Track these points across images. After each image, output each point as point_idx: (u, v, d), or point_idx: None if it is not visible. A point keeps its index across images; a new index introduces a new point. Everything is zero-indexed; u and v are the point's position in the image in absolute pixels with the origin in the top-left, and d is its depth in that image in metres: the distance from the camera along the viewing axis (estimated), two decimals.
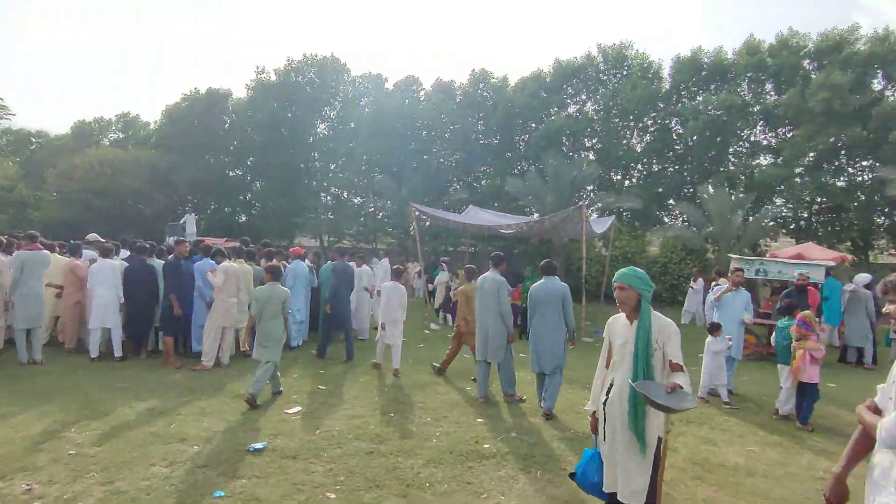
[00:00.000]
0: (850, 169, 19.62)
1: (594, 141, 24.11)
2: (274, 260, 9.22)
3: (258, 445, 4.65)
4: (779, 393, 6.46)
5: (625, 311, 3.09)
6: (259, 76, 27.53)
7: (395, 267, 8.77)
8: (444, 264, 14.40)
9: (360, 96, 27.53)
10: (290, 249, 11.06)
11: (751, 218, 18.23)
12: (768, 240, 20.16)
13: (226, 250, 8.37)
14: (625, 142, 23.35)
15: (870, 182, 18.46)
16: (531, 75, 24.59)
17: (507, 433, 5.29)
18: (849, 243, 19.61)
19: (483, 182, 25.54)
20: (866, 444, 2.10)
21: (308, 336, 9.78)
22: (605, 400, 3.07)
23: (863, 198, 18.89)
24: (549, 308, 6.08)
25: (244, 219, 29.65)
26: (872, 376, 8.70)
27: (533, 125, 24.39)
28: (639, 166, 23.58)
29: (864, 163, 19.03)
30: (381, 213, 26.84)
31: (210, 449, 4.61)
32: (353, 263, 10.71)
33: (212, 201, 29.48)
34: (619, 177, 23.81)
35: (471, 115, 25.12)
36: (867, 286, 10.27)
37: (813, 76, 18.81)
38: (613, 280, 3.13)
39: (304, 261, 9.88)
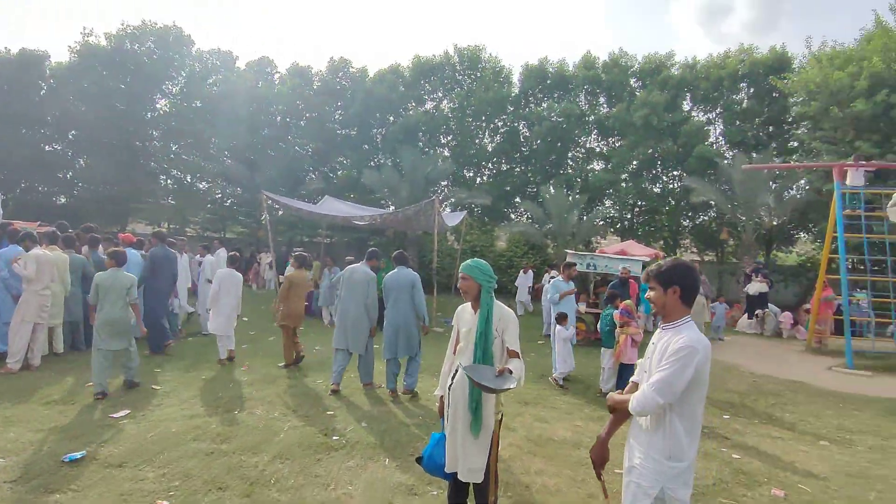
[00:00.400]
0: (663, 177, 22.57)
1: (449, 138, 24.96)
2: (100, 247, 8.31)
3: (76, 455, 4.19)
4: (602, 373, 7.27)
5: (468, 299, 3.31)
6: (86, 39, 24.24)
7: (232, 254, 8.37)
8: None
9: (208, 73, 25.55)
10: (120, 236, 9.97)
11: (585, 217, 20.18)
12: (599, 237, 22.44)
13: (38, 235, 7.31)
14: (477, 141, 24.46)
15: (678, 189, 21.38)
16: (389, 68, 24.73)
17: (358, 423, 5.34)
18: (661, 242, 22.55)
19: (340, 173, 25.24)
20: (624, 415, 2.49)
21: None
22: (451, 385, 3.24)
23: (673, 203, 21.84)
24: (401, 296, 6.41)
25: (63, 200, 25.97)
26: None
27: (391, 118, 24.59)
28: (489, 165, 24.86)
29: (675, 172, 21.99)
30: (230, 201, 25.22)
31: (18, 462, 4.06)
32: (185, 254, 10.06)
33: (22, 179, 25.36)
34: (471, 174, 24.88)
35: (328, 104, 24.62)
36: None
37: (637, 93, 21.28)
38: (459, 271, 3.34)
39: (138, 249, 8.97)
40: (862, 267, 12.08)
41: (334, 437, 4.89)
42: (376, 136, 25.22)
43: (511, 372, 2.94)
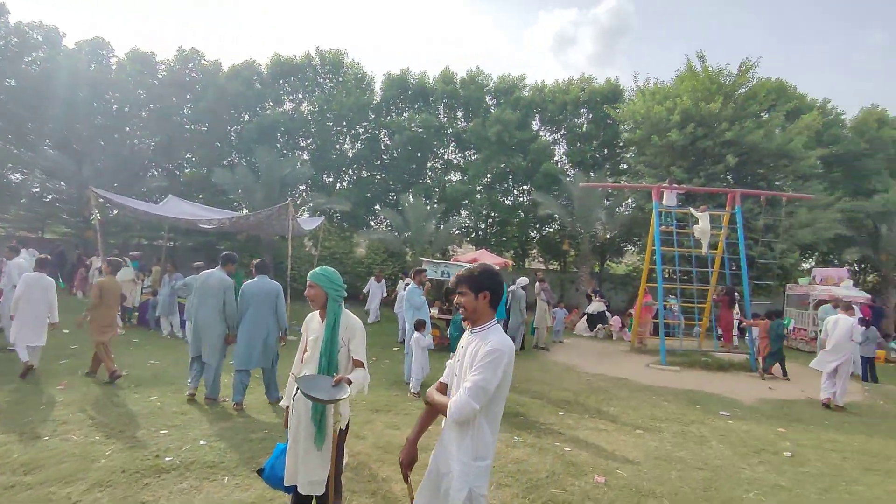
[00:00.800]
0: (514, 191, 24.06)
1: (308, 141, 24.34)
2: None
3: None
4: None
5: (315, 307, 3.28)
6: None
7: (41, 257, 7.45)
8: (126, 259, 12.62)
9: (26, 49, 22.14)
10: None
11: (442, 226, 20.83)
12: (455, 246, 23.26)
13: None
14: (338, 146, 24.13)
15: (527, 203, 22.91)
16: (244, 64, 23.51)
17: (195, 441, 4.98)
18: (512, 252, 23.99)
19: (187, 170, 23.46)
20: (433, 415, 2.55)
21: None
22: (295, 394, 3.17)
23: (523, 215, 23.33)
24: (262, 306, 6.24)
25: None
26: (520, 359, 10.86)
27: (246, 116, 23.40)
28: (350, 171, 24.63)
29: (524, 187, 23.54)
30: (51, 196, 22.08)
31: None
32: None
33: None
34: (331, 179, 24.48)
35: (175, 96, 22.66)
36: (523, 287, 12.69)
37: (492, 111, 22.50)
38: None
39: None
40: (674, 276, 13.91)
41: (166, 459, 4.51)
42: (230, 134, 23.78)
43: (350, 382, 2.94)
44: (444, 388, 2.56)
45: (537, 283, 12.95)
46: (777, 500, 4.60)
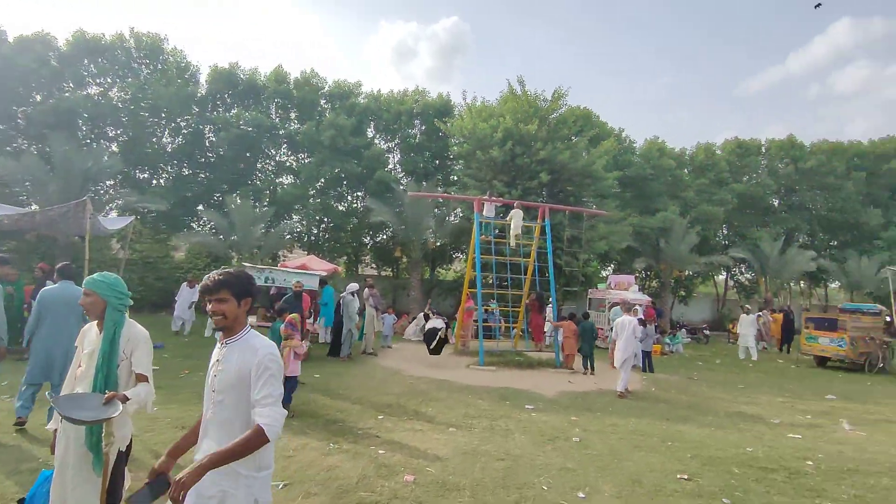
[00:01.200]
0: (348, 196, 24.02)
1: (119, 132, 21.81)
2: None
3: None
4: None
5: (92, 318, 3.00)
6: None
7: None
8: None
9: None
10: None
11: (272, 230, 20.03)
12: (285, 251, 22.49)
13: None
14: (154, 139, 21.98)
15: (361, 209, 23.00)
16: (36, 36, 20.29)
17: None
18: (345, 257, 23.88)
19: None
20: (194, 438, 2.39)
21: None
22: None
23: (356, 221, 23.36)
24: (65, 314, 5.53)
25: None
26: (347, 365, 10.89)
27: (38, 97, 20.24)
28: (168, 167, 22.61)
29: (358, 193, 23.63)
30: None
31: None
32: None
33: None
34: (145, 175, 22.22)
35: None
36: (353, 293, 12.69)
37: (327, 114, 22.24)
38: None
39: None
40: (493, 283, 14.97)
41: None
42: (17, 116, 20.32)
43: (126, 399, 2.74)
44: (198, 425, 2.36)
45: (366, 289, 13.08)
46: (563, 481, 5.19)
